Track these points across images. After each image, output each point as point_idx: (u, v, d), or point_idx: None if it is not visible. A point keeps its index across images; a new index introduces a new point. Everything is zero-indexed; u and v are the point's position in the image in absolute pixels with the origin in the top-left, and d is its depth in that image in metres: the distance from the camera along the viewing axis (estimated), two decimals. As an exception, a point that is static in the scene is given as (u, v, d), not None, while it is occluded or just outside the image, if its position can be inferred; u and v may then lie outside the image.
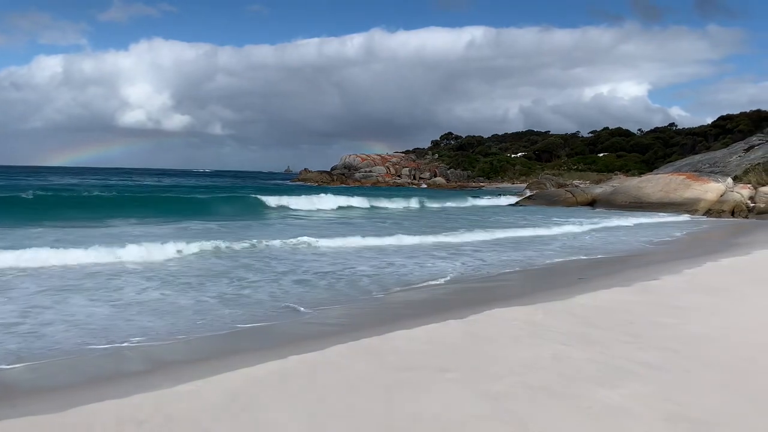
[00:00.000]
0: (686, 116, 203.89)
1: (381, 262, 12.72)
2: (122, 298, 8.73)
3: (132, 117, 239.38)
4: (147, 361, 6.09)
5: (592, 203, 38.15)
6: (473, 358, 5.51)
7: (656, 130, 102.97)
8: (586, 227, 22.52)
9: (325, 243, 15.08)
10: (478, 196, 47.93)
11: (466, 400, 4.48)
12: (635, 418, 4.20)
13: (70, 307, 8.11)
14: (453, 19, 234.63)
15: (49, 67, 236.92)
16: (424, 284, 10.56)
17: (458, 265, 12.63)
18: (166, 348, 6.53)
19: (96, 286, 9.46)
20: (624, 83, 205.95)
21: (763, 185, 34.52)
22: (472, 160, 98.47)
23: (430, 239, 17.02)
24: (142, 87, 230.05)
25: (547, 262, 13.48)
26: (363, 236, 16.45)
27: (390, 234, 17.24)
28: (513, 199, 43.62)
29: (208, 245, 13.55)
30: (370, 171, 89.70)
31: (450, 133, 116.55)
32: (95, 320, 7.48)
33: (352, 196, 36.70)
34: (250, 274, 10.94)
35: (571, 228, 22.02)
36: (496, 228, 20.81)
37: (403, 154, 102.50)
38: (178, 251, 12.76)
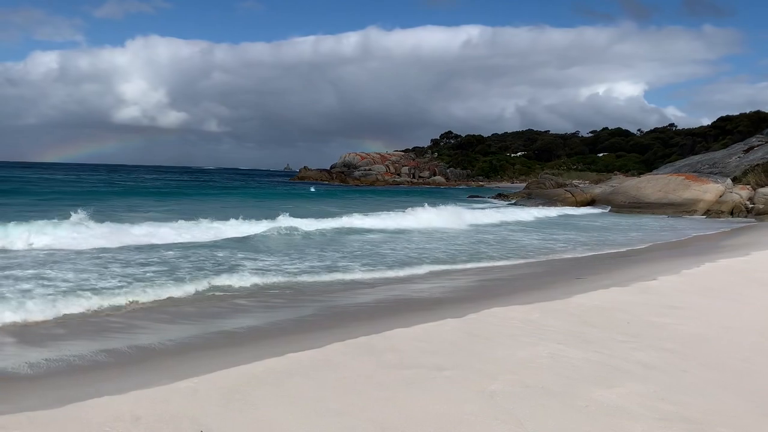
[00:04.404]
0: (682, 116, 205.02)
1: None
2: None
3: (127, 113, 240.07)
4: (144, 357, 6.10)
5: (591, 203, 38.19)
6: (471, 357, 5.52)
7: (656, 130, 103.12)
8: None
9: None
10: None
11: (464, 399, 4.49)
12: (632, 417, 4.21)
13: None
14: (449, 18, 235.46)
15: (44, 63, 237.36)
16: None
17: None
18: (162, 344, 6.55)
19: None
20: (620, 83, 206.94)
21: (762, 186, 34.55)
22: (471, 159, 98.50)
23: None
24: (138, 83, 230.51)
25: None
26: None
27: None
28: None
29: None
30: (370, 169, 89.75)
31: (450, 132, 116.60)
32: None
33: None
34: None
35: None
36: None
37: (403, 153, 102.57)
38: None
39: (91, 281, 9.54)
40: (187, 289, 9.24)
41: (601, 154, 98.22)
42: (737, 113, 78.32)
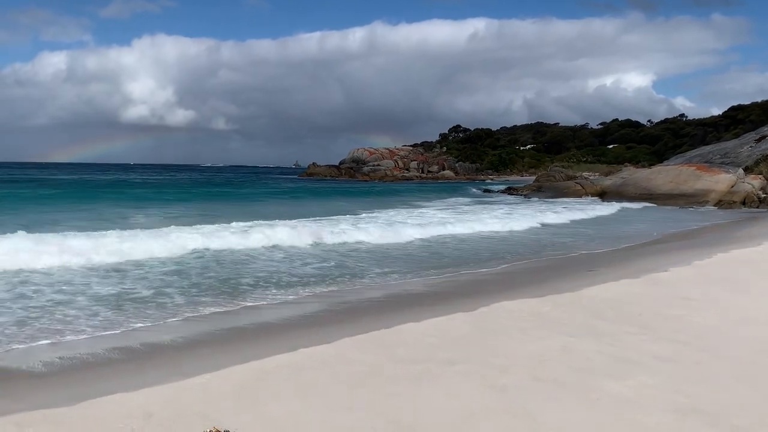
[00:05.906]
0: (691, 107, 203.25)
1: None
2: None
3: (135, 112, 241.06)
4: (155, 354, 6.12)
5: (602, 195, 37.99)
6: (481, 351, 5.51)
7: (666, 121, 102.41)
8: None
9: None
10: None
11: (474, 393, 4.48)
12: (644, 409, 4.19)
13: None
14: (455, 12, 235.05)
15: (52, 63, 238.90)
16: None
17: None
18: (174, 341, 6.57)
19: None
20: (628, 74, 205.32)
21: (775, 176, 34.20)
22: (480, 153, 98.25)
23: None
24: (145, 82, 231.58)
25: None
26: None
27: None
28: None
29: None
30: (378, 165, 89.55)
31: (458, 126, 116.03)
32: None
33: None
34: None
35: None
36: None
37: (411, 148, 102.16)
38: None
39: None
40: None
41: (611, 146, 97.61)
42: (748, 102, 77.72)
